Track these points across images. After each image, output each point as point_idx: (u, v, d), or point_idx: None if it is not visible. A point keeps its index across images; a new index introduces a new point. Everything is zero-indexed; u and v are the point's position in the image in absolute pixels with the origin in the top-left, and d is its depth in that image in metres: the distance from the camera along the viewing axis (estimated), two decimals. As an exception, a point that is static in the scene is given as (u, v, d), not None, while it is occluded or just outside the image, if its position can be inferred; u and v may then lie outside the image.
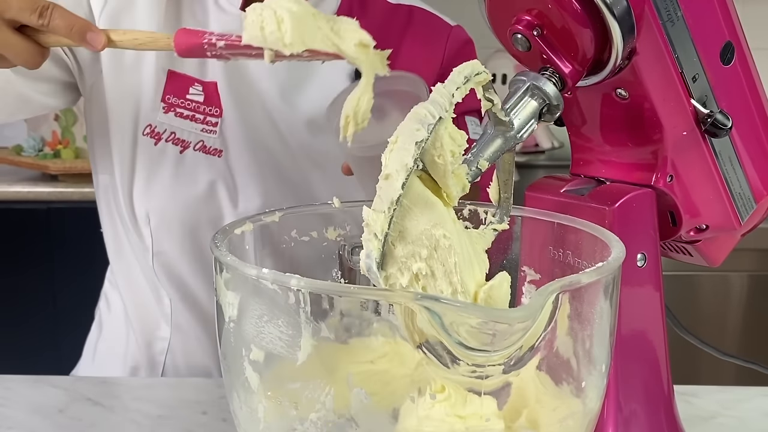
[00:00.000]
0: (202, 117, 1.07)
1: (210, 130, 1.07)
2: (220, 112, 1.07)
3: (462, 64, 0.57)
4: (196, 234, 1.10)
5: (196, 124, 1.07)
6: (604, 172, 0.72)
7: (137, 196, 1.08)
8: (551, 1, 0.62)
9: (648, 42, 0.63)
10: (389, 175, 0.55)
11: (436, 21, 1.17)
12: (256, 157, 1.08)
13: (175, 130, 1.06)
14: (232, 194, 1.08)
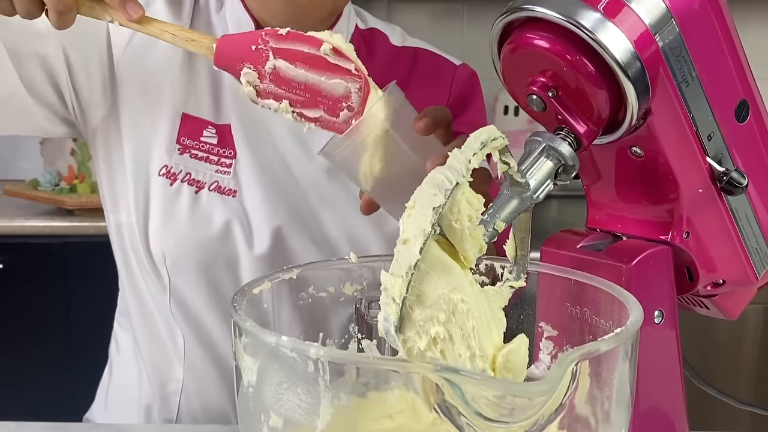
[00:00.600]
0: (216, 158, 1.09)
1: (224, 171, 1.08)
2: (234, 153, 1.08)
3: (478, 130, 0.58)
4: (211, 273, 1.10)
5: (211, 165, 1.08)
6: (621, 228, 0.72)
7: (153, 236, 1.09)
8: (565, 63, 0.63)
9: (663, 102, 0.64)
10: (407, 240, 0.56)
11: (441, 61, 1.18)
12: (269, 196, 1.09)
13: (191, 171, 1.08)
14: (246, 233, 1.09)
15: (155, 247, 1.09)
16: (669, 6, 0.63)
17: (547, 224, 2.46)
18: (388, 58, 1.15)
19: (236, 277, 1.10)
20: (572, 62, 0.63)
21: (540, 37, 0.63)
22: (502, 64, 0.67)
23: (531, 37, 0.64)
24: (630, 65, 0.61)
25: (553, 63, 0.64)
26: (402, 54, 1.17)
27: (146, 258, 1.10)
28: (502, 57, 0.67)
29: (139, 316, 1.18)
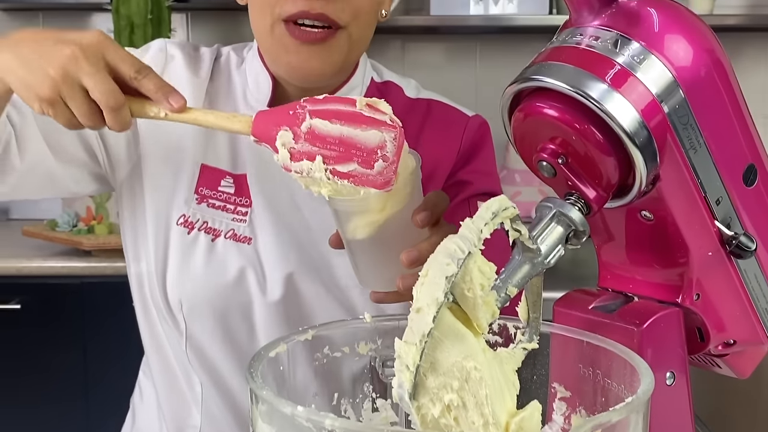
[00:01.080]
0: (233, 207, 1.11)
1: (240, 219, 1.11)
2: (250, 202, 1.11)
3: (490, 200, 0.59)
4: (226, 320, 1.12)
5: (228, 213, 1.11)
6: (632, 288, 0.73)
7: (170, 283, 1.11)
8: (574, 131, 0.64)
9: (671, 168, 0.65)
10: (421, 308, 0.57)
11: (453, 112, 1.20)
12: (283, 243, 1.11)
13: (208, 220, 1.10)
14: (260, 280, 1.11)
15: (172, 294, 1.11)
16: (675, 75, 0.64)
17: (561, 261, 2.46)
18: (403, 109, 1.17)
19: (250, 323, 1.12)
20: (581, 131, 0.64)
21: (549, 106, 0.65)
22: (512, 130, 0.69)
23: (540, 106, 0.65)
24: (638, 134, 0.63)
25: (562, 131, 0.65)
26: (416, 105, 1.19)
27: (164, 305, 1.12)
28: (512, 123, 0.69)
29: (157, 363, 1.19)
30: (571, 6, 0.67)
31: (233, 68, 1.16)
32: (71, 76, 0.78)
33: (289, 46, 1.00)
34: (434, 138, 1.16)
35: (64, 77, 0.78)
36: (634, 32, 0.65)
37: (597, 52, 0.64)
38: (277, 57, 1.04)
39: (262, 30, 1.03)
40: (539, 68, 0.66)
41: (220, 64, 1.17)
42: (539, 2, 2.34)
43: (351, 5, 1.00)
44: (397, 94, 1.20)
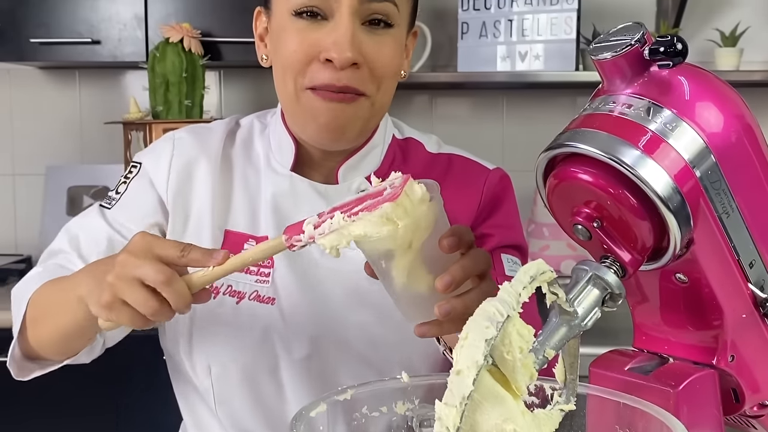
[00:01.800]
0: (256, 269, 1.12)
1: (263, 281, 1.12)
2: (272, 263, 1.13)
3: (528, 264, 0.61)
4: (255, 381, 1.13)
5: (251, 275, 1.12)
6: (667, 349, 0.74)
7: (197, 350, 1.13)
8: (609, 196, 0.66)
9: (704, 232, 0.66)
10: (460, 371, 0.58)
11: (473, 166, 1.22)
12: (306, 303, 1.12)
13: (232, 284, 1.12)
14: (284, 339, 1.12)
15: (199, 357, 1.13)
16: (707, 141, 0.66)
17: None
18: (424, 163, 1.20)
19: (278, 381, 1.13)
20: (615, 195, 0.66)
21: (584, 171, 0.67)
22: (547, 194, 0.70)
23: (575, 171, 0.67)
24: (671, 199, 0.64)
25: (597, 195, 0.67)
26: (437, 160, 1.21)
27: (190, 368, 1.14)
28: (547, 187, 0.70)
29: (191, 422, 1.20)
30: (604, 75, 0.69)
31: (256, 135, 1.20)
32: (125, 273, 0.83)
33: (316, 109, 1.03)
34: (455, 191, 1.17)
35: (119, 276, 0.83)
36: (665, 100, 0.67)
37: (630, 120, 0.66)
38: (304, 122, 1.06)
39: (288, 97, 1.06)
40: (573, 134, 0.68)
41: (240, 133, 1.20)
42: (566, 59, 2.37)
43: (374, 75, 1.03)
44: (418, 150, 1.22)
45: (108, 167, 2.77)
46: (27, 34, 2.49)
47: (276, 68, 1.08)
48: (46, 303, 1.04)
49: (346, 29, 0.98)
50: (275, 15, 1.06)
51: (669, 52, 0.65)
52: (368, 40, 1.01)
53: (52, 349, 1.07)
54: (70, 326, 1.00)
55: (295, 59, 1.01)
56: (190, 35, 2.39)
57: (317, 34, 1.00)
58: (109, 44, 2.51)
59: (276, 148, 1.16)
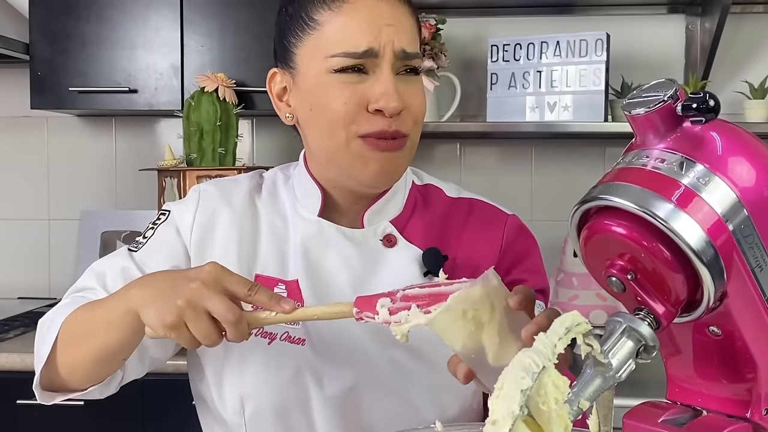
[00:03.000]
0: None
1: (294, 323, 1.13)
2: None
3: (563, 316, 0.62)
4: (287, 418, 1.14)
5: None
6: (700, 402, 0.74)
7: (229, 388, 1.15)
8: (642, 249, 0.67)
9: (738, 286, 0.67)
10: (496, 421, 0.59)
11: (493, 210, 1.25)
12: (337, 341, 1.14)
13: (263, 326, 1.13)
14: (316, 378, 1.13)
15: (231, 397, 1.14)
16: (739, 195, 0.67)
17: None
18: (444, 208, 1.23)
19: (309, 418, 1.14)
20: (649, 248, 0.67)
21: (617, 224, 0.68)
22: (581, 246, 0.72)
23: (609, 224, 0.69)
24: (705, 252, 0.65)
25: (630, 248, 0.68)
26: (457, 204, 1.25)
27: (221, 408, 1.15)
28: (581, 240, 0.72)
29: None
30: (637, 130, 0.71)
31: (280, 185, 1.24)
32: (196, 303, 0.90)
33: (369, 157, 1.08)
34: (476, 235, 1.21)
35: (189, 304, 0.90)
36: (698, 155, 0.68)
37: (663, 174, 0.68)
38: (354, 169, 1.10)
39: (336, 146, 1.09)
40: (607, 188, 0.69)
41: (266, 184, 1.25)
42: (595, 110, 2.39)
43: (411, 115, 1.09)
44: (439, 195, 1.25)
45: (141, 213, 2.81)
46: (66, 82, 2.56)
47: (317, 122, 1.11)
48: (84, 322, 1.06)
49: (389, 81, 1.05)
50: (305, 75, 1.11)
51: (701, 108, 0.67)
52: (404, 87, 1.08)
53: (83, 372, 1.09)
54: (112, 342, 1.02)
55: (346, 111, 1.06)
56: (225, 85, 2.44)
57: (363, 87, 1.06)
58: (146, 93, 2.57)
59: (302, 196, 1.20)
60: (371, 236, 1.17)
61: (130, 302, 0.97)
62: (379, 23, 1.06)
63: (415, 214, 1.21)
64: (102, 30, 2.57)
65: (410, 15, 1.11)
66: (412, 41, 1.09)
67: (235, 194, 1.21)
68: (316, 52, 1.08)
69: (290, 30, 1.12)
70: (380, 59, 1.06)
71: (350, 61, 1.05)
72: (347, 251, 1.16)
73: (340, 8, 1.07)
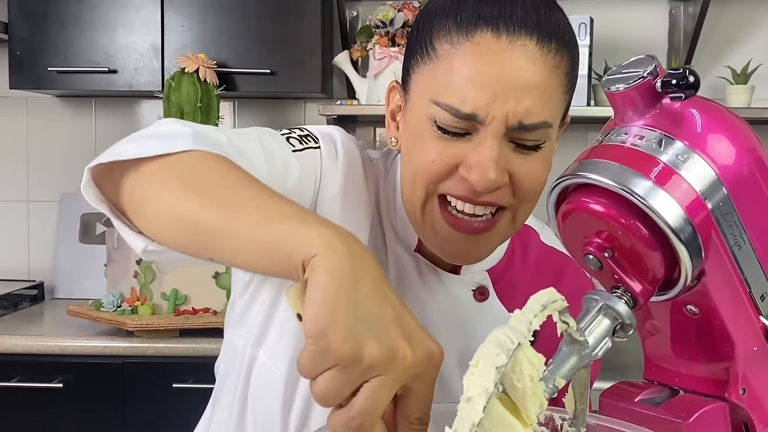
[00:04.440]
0: None
1: None
2: None
3: (539, 293, 0.61)
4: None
5: None
6: (677, 381, 0.74)
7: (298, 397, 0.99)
8: (620, 226, 0.66)
9: (716, 264, 0.67)
10: (471, 397, 0.58)
11: (583, 279, 1.05)
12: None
13: None
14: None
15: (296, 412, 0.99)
16: (718, 173, 0.67)
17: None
18: (538, 256, 1.07)
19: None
20: (626, 226, 0.66)
21: (595, 201, 0.67)
22: (559, 224, 0.71)
23: (587, 201, 0.68)
24: (683, 230, 0.65)
25: (608, 226, 0.67)
26: (549, 257, 1.08)
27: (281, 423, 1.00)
28: (559, 217, 0.71)
29: None
30: (616, 106, 0.70)
31: (381, 185, 1.02)
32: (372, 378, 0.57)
33: (440, 230, 0.89)
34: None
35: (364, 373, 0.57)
36: (677, 132, 0.67)
37: (642, 151, 0.67)
38: (424, 235, 0.93)
39: (413, 202, 0.90)
40: (585, 165, 0.68)
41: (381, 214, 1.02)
42: (578, 95, 2.37)
43: (520, 191, 0.86)
44: (535, 240, 1.08)
45: (121, 195, 2.78)
46: (45, 62, 2.53)
47: (405, 166, 0.92)
48: (232, 189, 0.70)
49: (492, 149, 0.83)
50: (413, 107, 0.90)
51: (681, 84, 0.66)
52: (516, 159, 0.85)
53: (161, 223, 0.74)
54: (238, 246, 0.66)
55: (431, 170, 0.86)
56: (206, 65, 2.42)
57: (460, 148, 0.85)
58: (126, 73, 2.54)
59: (399, 218, 0.98)
60: (468, 284, 1.01)
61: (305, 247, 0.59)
62: (497, 82, 0.82)
63: (512, 264, 1.04)
64: (82, 9, 2.54)
65: (556, 71, 0.84)
66: (542, 108, 0.83)
67: (369, 178, 0.99)
68: (427, 88, 0.86)
69: (413, 50, 0.90)
70: (486, 127, 0.83)
71: (450, 118, 0.83)
72: (443, 299, 1.00)
73: (461, 45, 0.84)
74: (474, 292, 1.01)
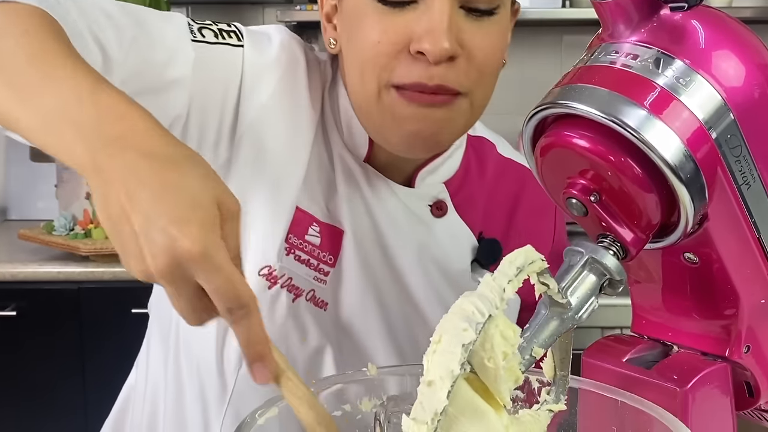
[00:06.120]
0: (316, 263, 0.94)
1: (321, 279, 0.95)
2: (334, 261, 0.95)
3: (514, 253, 0.51)
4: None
5: (311, 270, 0.94)
6: (671, 336, 0.65)
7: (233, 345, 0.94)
8: (609, 164, 0.56)
9: (721, 206, 0.57)
10: (432, 382, 0.49)
11: (544, 194, 1.03)
12: (370, 316, 0.96)
13: (292, 276, 0.93)
14: (336, 356, 0.96)
15: (232, 350, 0.95)
16: (725, 97, 0.56)
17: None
18: (497, 168, 1.03)
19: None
20: (616, 164, 0.56)
21: (579, 135, 0.57)
22: (536, 161, 0.60)
23: (569, 135, 0.57)
24: (683, 167, 0.54)
25: (594, 164, 0.57)
26: (508, 169, 1.04)
27: (215, 358, 0.96)
28: (536, 154, 0.60)
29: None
30: (604, 19, 0.58)
31: (327, 86, 0.96)
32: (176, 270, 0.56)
33: (403, 114, 0.83)
34: (529, 224, 1.02)
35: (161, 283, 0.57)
36: (677, 49, 0.57)
37: (635, 73, 0.56)
38: (385, 128, 0.87)
39: (366, 96, 0.85)
40: (567, 91, 0.57)
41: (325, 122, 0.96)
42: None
43: (474, 69, 0.83)
44: (491, 153, 1.04)
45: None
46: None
47: (350, 61, 0.87)
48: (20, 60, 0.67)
49: (442, 13, 0.78)
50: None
51: (685, -10, 0.54)
52: (469, 27, 0.81)
53: None
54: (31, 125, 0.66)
55: (379, 52, 0.81)
56: (153, -32, 2.24)
57: (406, 20, 0.80)
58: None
59: (347, 128, 0.94)
60: (424, 198, 0.96)
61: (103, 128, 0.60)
62: None
63: (469, 177, 0.99)
64: None
65: None
66: None
67: (314, 84, 0.94)
68: None
69: None
70: None
71: None
72: (397, 213, 0.94)
73: None
74: (431, 207, 0.95)
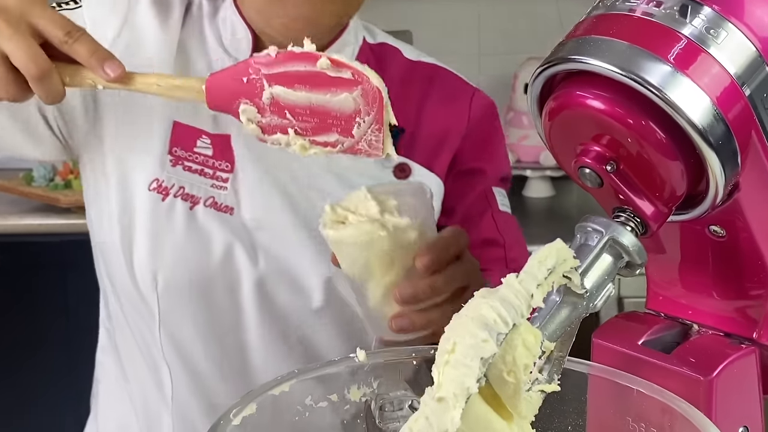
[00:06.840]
0: (211, 171, 1.00)
1: (220, 186, 1.00)
2: (231, 167, 1.00)
3: (545, 250, 0.44)
4: (210, 299, 1.00)
5: (206, 178, 0.99)
6: (691, 315, 0.58)
7: (140, 258, 0.99)
8: (627, 128, 0.49)
9: (755, 174, 0.50)
10: (443, 398, 0.42)
11: (459, 82, 1.11)
12: (275, 214, 1.00)
13: (185, 185, 0.99)
14: (249, 254, 0.99)
15: (143, 270, 0.99)
16: (760, 49, 0.49)
17: (571, 209, 2.32)
18: (403, 71, 1.08)
19: (236, 302, 1.00)
20: (636, 128, 0.49)
21: (594, 95, 0.50)
22: (544, 125, 0.53)
23: (582, 96, 0.50)
24: (713, 130, 0.48)
25: (611, 128, 0.50)
26: (416, 69, 1.09)
27: (131, 283, 1.00)
28: (544, 116, 0.53)
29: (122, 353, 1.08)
30: (622, -42, 0.51)
31: (206, 19, 1.03)
32: None
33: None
34: (439, 109, 1.07)
35: None
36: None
37: (657, 22, 0.49)
38: (268, 10, 0.92)
39: None
40: (580, 45, 0.50)
41: (192, 13, 1.04)
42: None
43: None
44: (395, 56, 1.09)
45: None
46: None
47: None
48: None
49: None
50: None
51: None
52: None
53: None
54: None
55: None
56: None
57: None
58: None
59: (229, 38, 1.01)
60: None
61: None
62: None
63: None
64: None
65: None
66: None
67: (170, 15, 1.02)
68: None
69: None
70: None
71: None
72: None
73: None
74: None
